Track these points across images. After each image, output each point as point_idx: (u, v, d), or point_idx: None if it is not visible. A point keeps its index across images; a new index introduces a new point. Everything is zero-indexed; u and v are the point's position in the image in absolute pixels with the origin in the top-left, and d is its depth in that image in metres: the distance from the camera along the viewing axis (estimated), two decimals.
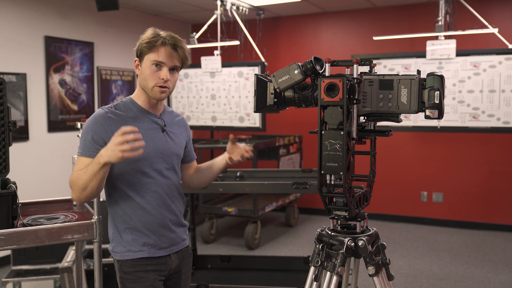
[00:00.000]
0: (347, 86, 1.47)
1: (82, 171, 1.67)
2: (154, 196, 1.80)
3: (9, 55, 4.58)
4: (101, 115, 1.76)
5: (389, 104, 1.52)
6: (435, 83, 1.46)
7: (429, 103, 1.46)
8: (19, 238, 1.89)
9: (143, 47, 1.77)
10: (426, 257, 4.66)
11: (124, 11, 5.80)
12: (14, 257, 3.57)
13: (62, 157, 5.06)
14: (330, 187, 1.55)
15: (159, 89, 1.77)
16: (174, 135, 1.90)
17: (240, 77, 5.58)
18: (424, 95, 1.47)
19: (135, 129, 1.59)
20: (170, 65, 1.77)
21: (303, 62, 1.61)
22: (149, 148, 1.77)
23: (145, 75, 1.77)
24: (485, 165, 5.55)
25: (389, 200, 6.01)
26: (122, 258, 1.81)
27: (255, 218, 4.94)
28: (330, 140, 1.51)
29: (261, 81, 1.71)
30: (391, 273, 1.68)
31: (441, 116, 1.47)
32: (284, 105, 1.71)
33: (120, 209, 1.80)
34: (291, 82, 1.60)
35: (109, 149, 1.58)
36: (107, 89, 5.79)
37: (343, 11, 6.20)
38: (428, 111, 1.46)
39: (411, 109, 1.49)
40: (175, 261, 1.88)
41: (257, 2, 5.42)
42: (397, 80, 1.50)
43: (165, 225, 1.83)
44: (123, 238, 1.81)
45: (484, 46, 5.25)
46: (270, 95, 1.69)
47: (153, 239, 1.81)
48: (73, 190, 1.70)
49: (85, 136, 1.74)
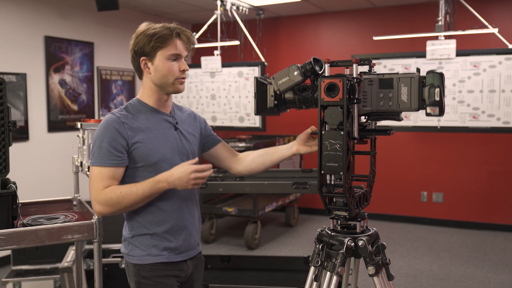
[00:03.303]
0: (347, 86, 1.47)
1: (126, 190, 1.62)
2: (174, 198, 1.74)
3: (9, 55, 4.58)
4: (114, 120, 1.68)
5: (390, 103, 1.51)
6: (435, 80, 1.45)
7: (430, 100, 1.45)
8: (19, 238, 1.89)
9: (155, 43, 1.67)
10: (426, 257, 4.66)
11: (124, 11, 5.80)
12: (14, 257, 3.57)
13: (62, 157, 5.06)
14: (330, 187, 1.55)
15: (179, 81, 1.72)
16: (187, 132, 1.84)
17: (240, 77, 5.58)
18: (424, 92, 1.46)
19: (210, 166, 1.62)
20: (185, 55, 1.73)
21: (302, 63, 1.61)
22: (166, 149, 1.73)
23: (163, 72, 1.69)
24: (485, 165, 5.55)
25: (389, 200, 6.01)
26: (140, 263, 1.73)
27: (255, 218, 4.94)
28: (330, 140, 1.51)
29: (260, 84, 1.70)
30: (391, 273, 1.68)
31: (442, 113, 1.46)
32: (284, 107, 1.70)
33: (139, 213, 1.73)
34: (291, 84, 1.60)
35: (179, 179, 1.60)
36: (107, 89, 5.78)
37: (343, 11, 6.20)
38: (429, 108, 1.46)
39: (411, 107, 1.48)
40: (190, 268, 1.84)
41: (257, 2, 5.42)
42: (397, 79, 1.50)
43: (185, 228, 1.78)
44: (142, 242, 1.73)
45: (484, 46, 5.24)
46: (270, 97, 1.69)
47: (173, 243, 1.75)
48: (107, 206, 1.62)
49: (100, 144, 1.65)
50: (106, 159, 1.64)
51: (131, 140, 1.67)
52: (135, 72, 1.80)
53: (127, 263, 1.78)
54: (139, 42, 1.70)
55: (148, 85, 1.75)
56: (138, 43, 1.70)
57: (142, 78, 1.77)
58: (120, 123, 1.67)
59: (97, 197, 1.63)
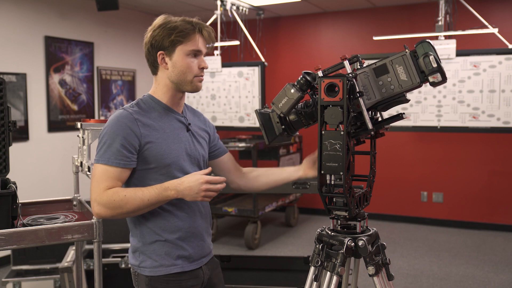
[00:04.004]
0: (347, 86, 1.47)
1: (131, 193, 1.52)
2: (187, 203, 1.65)
3: (9, 55, 4.58)
4: (126, 116, 1.57)
5: (391, 86, 1.50)
6: (426, 48, 1.45)
7: (429, 69, 1.44)
8: (19, 238, 1.89)
9: (176, 38, 1.58)
10: (426, 257, 4.66)
11: (124, 11, 5.80)
12: (14, 257, 3.57)
13: (62, 157, 5.06)
14: (330, 187, 1.55)
15: (198, 79, 1.64)
16: (198, 135, 1.75)
17: (240, 77, 5.58)
18: (420, 64, 1.45)
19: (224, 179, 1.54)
20: (205, 52, 1.66)
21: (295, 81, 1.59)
22: (178, 150, 1.64)
23: (182, 68, 1.61)
24: (485, 165, 5.55)
25: (389, 200, 6.01)
26: (153, 274, 1.62)
27: (255, 218, 4.94)
28: (330, 140, 1.51)
29: (263, 115, 1.69)
30: (391, 273, 1.68)
31: (445, 79, 1.44)
32: (293, 129, 1.68)
33: (149, 219, 1.63)
34: (292, 102, 1.58)
35: (189, 189, 1.50)
36: (107, 89, 5.79)
37: (343, 11, 6.20)
38: (431, 77, 1.44)
39: (413, 83, 1.46)
40: (206, 273, 1.74)
41: (257, 2, 5.42)
42: (390, 62, 1.49)
43: (198, 234, 1.69)
44: (154, 252, 1.63)
45: (484, 46, 5.24)
46: (276, 124, 1.67)
47: (187, 251, 1.66)
48: (108, 209, 1.52)
49: (110, 142, 1.54)
50: (113, 158, 1.53)
51: (144, 139, 1.58)
52: (149, 67, 1.69)
53: (137, 273, 1.67)
54: (156, 35, 1.60)
55: (163, 81, 1.66)
56: (155, 36, 1.60)
57: (157, 74, 1.67)
58: (133, 120, 1.57)
59: (98, 198, 1.53)
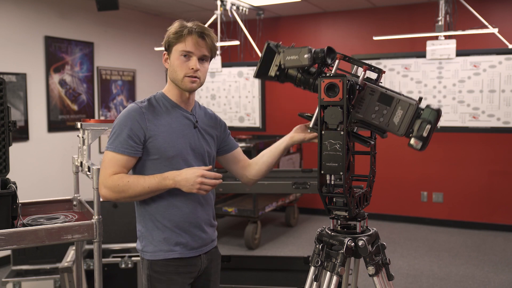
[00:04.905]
0: (347, 86, 1.47)
1: (134, 180, 1.67)
2: (188, 195, 1.75)
3: (9, 55, 4.58)
4: (136, 110, 1.73)
5: (381, 119, 1.52)
6: (431, 116, 1.46)
7: (417, 133, 1.46)
8: (19, 238, 1.89)
9: (171, 39, 1.74)
10: (426, 257, 4.66)
11: (124, 11, 5.80)
12: (14, 257, 3.57)
13: (62, 157, 5.06)
14: (330, 187, 1.55)
15: (189, 79, 1.74)
16: (206, 132, 1.87)
17: (240, 77, 5.58)
18: (415, 124, 1.47)
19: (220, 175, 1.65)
20: (199, 54, 1.74)
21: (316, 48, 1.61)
22: (182, 145, 1.76)
23: (174, 67, 1.75)
24: (485, 165, 5.55)
25: (389, 200, 6.01)
26: (153, 258, 1.77)
27: (255, 218, 4.94)
28: (330, 140, 1.51)
29: (270, 50, 1.71)
30: (391, 273, 1.68)
31: (423, 149, 1.47)
32: (284, 79, 1.72)
33: (152, 207, 1.77)
34: (297, 64, 1.61)
35: (186, 180, 1.63)
36: (107, 89, 5.78)
37: (343, 11, 6.20)
38: (413, 140, 1.46)
39: (398, 131, 1.49)
40: (204, 262, 1.85)
41: (257, 2, 5.42)
42: (397, 100, 1.50)
43: (197, 224, 1.80)
44: (154, 237, 1.77)
45: (484, 46, 5.24)
46: (274, 66, 1.71)
47: (185, 239, 1.77)
48: (112, 192, 1.67)
49: (119, 132, 1.70)
50: (121, 146, 1.69)
51: (149, 133, 1.71)
52: None
53: (142, 258, 1.81)
54: (166, 37, 1.78)
55: (168, 80, 1.82)
56: (165, 38, 1.78)
57: None
58: (141, 113, 1.72)
59: (104, 181, 1.68)
